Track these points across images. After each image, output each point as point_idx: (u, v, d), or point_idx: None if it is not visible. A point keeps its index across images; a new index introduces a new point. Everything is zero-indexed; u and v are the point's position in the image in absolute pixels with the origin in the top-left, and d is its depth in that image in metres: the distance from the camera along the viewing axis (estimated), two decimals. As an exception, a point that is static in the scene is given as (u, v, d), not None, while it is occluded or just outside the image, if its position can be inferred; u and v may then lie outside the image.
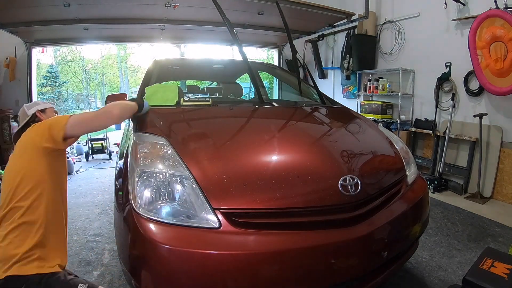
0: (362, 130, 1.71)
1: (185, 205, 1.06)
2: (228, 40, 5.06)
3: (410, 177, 1.49)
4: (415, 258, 1.96)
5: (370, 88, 4.54)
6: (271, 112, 1.84)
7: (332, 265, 1.06)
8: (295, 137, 1.49)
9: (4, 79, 4.46)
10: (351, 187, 1.15)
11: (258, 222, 1.05)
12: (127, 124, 1.63)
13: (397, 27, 4.22)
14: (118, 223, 1.17)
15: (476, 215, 2.71)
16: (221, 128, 1.54)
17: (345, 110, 2.09)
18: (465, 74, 3.36)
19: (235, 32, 1.94)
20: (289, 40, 2.13)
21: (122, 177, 1.24)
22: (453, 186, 3.39)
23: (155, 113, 1.55)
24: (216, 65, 2.85)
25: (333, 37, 5.42)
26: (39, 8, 3.28)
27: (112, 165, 4.67)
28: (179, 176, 1.10)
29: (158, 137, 1.29)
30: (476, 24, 3.00)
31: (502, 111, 3.14)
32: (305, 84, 2.49)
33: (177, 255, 0.97)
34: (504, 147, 3.12)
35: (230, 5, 3.41)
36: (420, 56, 3.94)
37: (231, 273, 0.97)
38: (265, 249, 0.99)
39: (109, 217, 2.66)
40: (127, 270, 1.11)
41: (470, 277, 1.24)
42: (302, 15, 3.86)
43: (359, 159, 1.41)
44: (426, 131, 3.77)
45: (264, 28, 4.61)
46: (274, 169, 1.21)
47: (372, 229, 1.13)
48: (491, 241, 2.23)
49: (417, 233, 1.41)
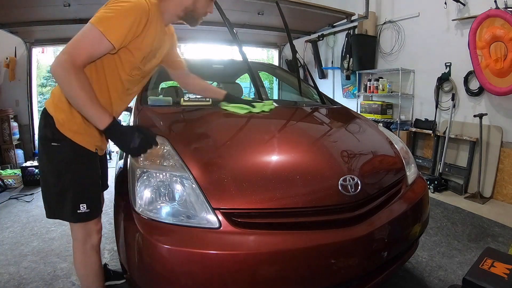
0: (362, 130, 1.71)
1: (185, 205, 1.06)
2: (228, 40, 5.05)
3: (410, 177, 1.49)
4: (415, 258, 1.96)
5: (370, 88, 4.54)
6: (271, 112, 1.84)
7: (332, 265, 1.06)
8: (295, 137, 1.49)
9: (4, 79, 4.46)
10: (351, 187, 1.15)
11: (258, 222, 1.05)
12: (127, 124, 1.63)
13: (397, 27, 4.22)
14: (118, 223, 1.17)
15: (476, 215, 2.71)
16: (221, 128, 1.54)
17: (345, 110, 2.09)
18: (465, 74, 3.36)
19: (235, 32, 1.94)
20: (289, 40, 2.13)
21: (122, 177, 1.24)
22: (453, 186, 3.39)
23: (155, 113, 1.56)
24: (216, 65, 2.84)
25: (333, 37, 5.42)
26: (39, 8, 3.28)
27: (112, 165, 4.66)
28: (179, 176, 1.10)
29: (158, 137, 1.28)
30: (476, 24, 3.00)
31: (502, 111, 3.14)
32: (305, 84, 2.49)
33: (177, 255, 0.97)
34: (504, 147, 3.12)
35: (230, 5, 3.40)
36: (420, 56, 3.94)
37: (231, 273, 0.97)
38: (265, 249, 0.99)
39: (109, 217, 2.66)
40: (127, 270, 1.11)
41: (470, 277, 1.24)
42: (302, 15, 3.85)
43: (359, 159, 1.41)
44: (426, 131, 3.77)
45: (264, 28, 4.60)
46: (274, 169, 1.21)
47: (372, 229, 1.13)
48: (491, 241, 2.23)
49: (417, 233, 1.41)
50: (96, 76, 1.12)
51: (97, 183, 1.24)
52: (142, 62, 1.15)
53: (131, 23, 1.00)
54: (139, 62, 1.14)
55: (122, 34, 1.00)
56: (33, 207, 2.92)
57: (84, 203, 1.15)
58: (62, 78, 0.96)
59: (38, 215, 2.70)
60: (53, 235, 2.31)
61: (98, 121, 1.00)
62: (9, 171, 3.75)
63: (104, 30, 0.97)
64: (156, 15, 1.10)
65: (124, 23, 1.00)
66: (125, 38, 1.01)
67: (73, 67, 0.95)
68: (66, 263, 1.91)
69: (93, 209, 1.18)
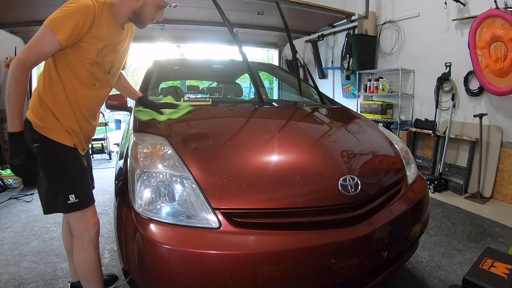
0: (362, 130, 1.71)
1: (185, 205, 1.06)
2: (228, 40, 5.05)
3: (410, 177, 1.49)
4: (415, 258, 1.96)
5: (370, 88, 4.55)
6: (271, 112, 1.84)
7: (332, 265, 1.06)
8: (295, 137, 1.48)
9: (4, 79, 4.46)
10: (351, 187, 1.15)
11: (258, 222, 1.05)
12: (127, 124, 1.63)
13: (397, 27, 4.22)
14: (118, 223, 1.17)
15: (476, 215, 2.71)
16: (221, 128, 1.54)
17: (345, 110, 2.09)
18: (465, 74, 3.37)
19: (235, 32, 1.94)
20: (289, 40, 2.13)
21: (122, 177, 1.24)
22: (453, 186, 3.39)
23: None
24: (216, 65, 2.85)
25: (333, 37, 5.42)
26: (39, 8, 3.27)
27: (112, 165, 4.67)
28: (179, 176, 1.10)
29: (158, 137, 1.29)
30: (476, 24, 3.01)
31: (502, 111, 3.14)
32: (305, 84, 2.49)
33: (177, 255, 0.97)
34: (504, 147, 3.12)
35: (230, 5, 3.40)
36: (420, 56, 3.94)
37: (231, 273, 0.97)
38: (265, 249, 0.99)
39: (109, 217, 2.66)
40: (127, 270, 1.11)
41: (470, 277, 1.24)
42: (302, 15, 3.85)
43: (359, 159, 1.41)
44: (426, 131, 3.77)
45: (264, 28, 4.60)
46: (274, 169, 1.21)
47: (372, 229, 1.13)
48: (491, 241, 2.23)
49: (417, 233, 1.41)
50: (63, 70, 1.21)
51: (82, 174, 1.29)
52: (98, 56, 1.23)
53: (76, 21, 1.10)
54: (95, 56, 1.22)
55: (68, 31, 1.10)
56: (33, 207, 2.92)
57: (72, 193, 1.22)
58: (11, 72, 1.07)
59: (38, 215, 2.70)
60: (53, 235, 2.31)
61: (11, 122, 1.10)
62: (9, 171, 3.75)
63: (54, 28, 1.08)
64: (107, 13, 1.21)
65: (70, 21, 1.10)
66: (71, 35, 1.11)
67: (23, 67, 1.07)
68: (66, 263, 1.91)
69: (82, 198, 1.25)
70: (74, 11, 1.11)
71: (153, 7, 1.25)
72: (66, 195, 1.22)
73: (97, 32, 1.18)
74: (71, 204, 1.22)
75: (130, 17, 1.27)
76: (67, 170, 1.24)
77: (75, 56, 1.19)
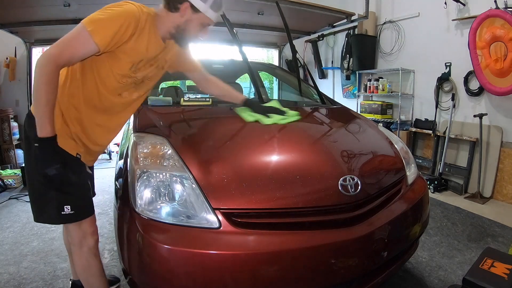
0: (362, 130, 1.72)
1: (185, 205, 1.06)
2: (228, 40, 5.05)
3: (410, 177, 1.49)
4: (415, 258, 1.96)
5: (370, 88, 4.54)
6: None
7: (332, 265, 1.06)
8: (295, 137, 1.48)
9: (4, 79, 4.46)
10: (351, 187, 1.15)
11: (258, 222, 1.05)
12: (127, 124, 1.63)
13: (397, 27, 4.22)
14: (118, 223, 1.17)
15: (476, 215, 2.71)
16: (221, 128, 1.54)
17: (345, 110, 2.09)
18: (465, 74, 3.36)
19: (235, 32, 1.94)
20: (289, 40, 2.13)
21: (122, 177, 1.24)
22: (453, 186, 3.39)
23: (155, 113, 1.55)
24: (216, 65, 2.84)
25: (333, 37, 5.42)
26: (39, 8, 3.28)
27: (112, 165, 4.67)
28: (179, 176, 1.10)
29: (158, 137, 1.29)
30: (476, 24, 3.00)
31: (502, 111, 3.14)
32: (305, 84, 2.49)
33: (177, 255, 0.97)
34: (504, 147, 3.12)
35: (230, 5, 3.40)
36: (420, 56, 3.94)
37: (231, 273, 0.97)
38: (265, 249, 0.99)
39: (109, 217, 2.66)
40: (127, 270, 1.11)
41: (470, 277, 1.24)
42: (302, 15, 3.85)
43: (359, 159, 1.41)
44: (426, 131, 3.77)
45: (264, 28, 4.60)
46: (274, 169, 1.21)
47: (372, 229, 1.13)
48: (491, 241, 2.23)
49: (417, 233, 1.41)
50: (90, 77, 1.12)
51: (82, 185, 1.21)
52: (131, 69, 1.14)
53: (118, 27, 1.01)
54: (127, 69, 1.13)
55: (109, 36, 1.00)
56: (33, 207, 2.92)
57: (68, 205, 1.14)
58: (41, 68, 0.96)
59: (38, 215, 2.70)
60: (53, 235, 2.31)
61: (41, 126, 0.98)
62: (9, 171, 3.75)
63: (92, 30, 0.98)
64: (150, 25, 1.11)
65: (112, 25, 1.00)
66: (111, 40, 1.01)
67: (54, 64, 0.96)
68: (66, 263, 1.91)
69: (78, 211, 1.17)
70: (118, 15, 1.02)
71: (198, 24, 1.16)
72: (61, 205, 1.13)
73: (136, 44, 1.09)
74: (65, 215, 1.15)
75: (172, 33, 1.18)
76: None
77: (108, 64, 1.10)
